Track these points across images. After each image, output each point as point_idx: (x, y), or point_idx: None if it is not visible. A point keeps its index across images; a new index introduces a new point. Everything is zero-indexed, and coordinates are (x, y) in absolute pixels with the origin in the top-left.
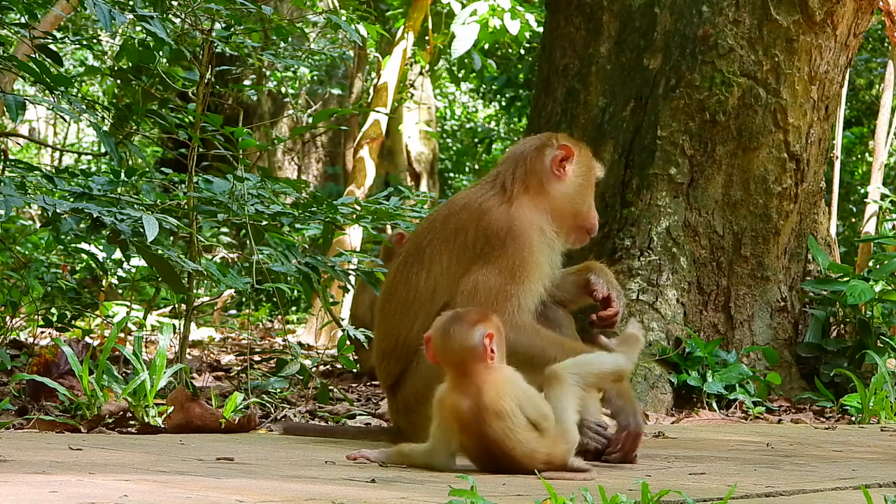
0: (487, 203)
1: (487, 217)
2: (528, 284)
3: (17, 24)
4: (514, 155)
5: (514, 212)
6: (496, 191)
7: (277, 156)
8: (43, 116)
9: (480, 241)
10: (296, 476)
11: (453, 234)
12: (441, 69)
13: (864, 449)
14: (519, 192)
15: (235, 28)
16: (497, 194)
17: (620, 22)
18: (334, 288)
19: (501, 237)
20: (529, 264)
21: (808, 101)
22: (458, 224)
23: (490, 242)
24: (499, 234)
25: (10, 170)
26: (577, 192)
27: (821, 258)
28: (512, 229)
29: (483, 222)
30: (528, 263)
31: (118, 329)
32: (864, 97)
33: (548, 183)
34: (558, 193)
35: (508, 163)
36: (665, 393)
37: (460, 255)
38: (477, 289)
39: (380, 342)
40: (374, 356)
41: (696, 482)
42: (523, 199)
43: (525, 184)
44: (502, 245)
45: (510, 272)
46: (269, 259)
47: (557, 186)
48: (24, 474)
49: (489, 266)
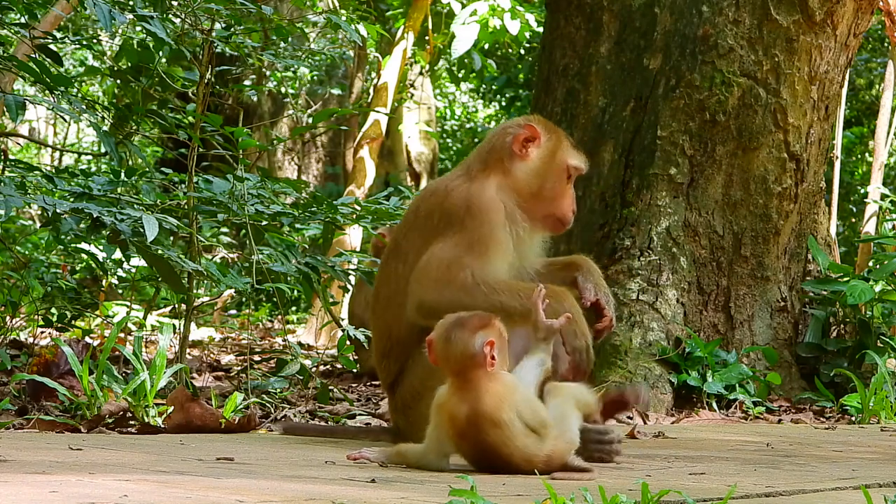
0: (452, 184)
1: (451, 197)
2: (485, 258)
3: (17, 24)
4: (483, 141)
5: (475, 188)
6: (462, 172)
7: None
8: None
9: (443, 221)
10: (296, 476)
11: (423, 220)
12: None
13: (864, 449)
14: (481, 171)
15: (235, 28)
16: (462, 175)
17: (620, 22)
18: (334, 288)
19: (461, 214)
20: (488, 240)
21: (808, 101)
22: (426, 209)
23: (450, 220)
24: (458, 210)
25: (10, 170)
26: (538, 173)
27: (821, 258)
28: (471, 206)
29: (446, 203)
30: (487, 239)
31: (118, 329)
32: (864, 97)
33: (509, 162)
34: (520, 173)
35: (477, 148)
36: (665, 393)
37: (427, 238)
38: (430, 261)
39: (377, 342)
40: (373, 357)
41: (696, 482)
42: (487, 178)
43: (486, 163)
44: (461, 221)
45: (467, 245)
46: (269, 259)
47: (519, 166)
48: (24, 474)
49: (446, 240)
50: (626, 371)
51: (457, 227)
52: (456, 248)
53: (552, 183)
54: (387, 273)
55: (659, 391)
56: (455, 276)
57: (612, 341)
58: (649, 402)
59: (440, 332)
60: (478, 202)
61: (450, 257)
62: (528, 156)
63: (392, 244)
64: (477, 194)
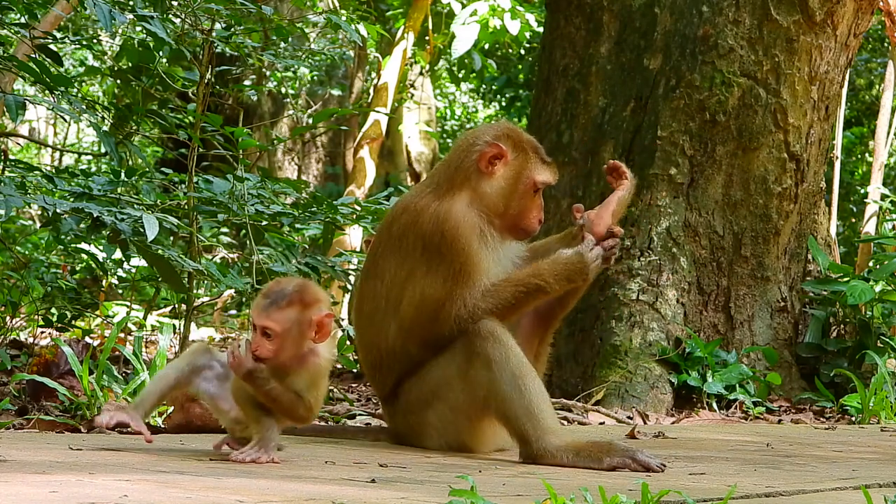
0: (422, 203)
1: (422, 219)
2: (471, 281)
3: (17, 24)
4: (451, 151)
5: (444, 209)
6: (431, 189)
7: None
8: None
9: (419, 246)
10: (296, 476)
11: (397, 240)
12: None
13: (864, 449)
14: (448, 189)
15: (235, 28)
16: (432, 192)
17: (620, 22)
18: (334, 288)
19: (436, 241)
20: (469, 265)
21: (809, 101)
22: (400, 229)
23: (426, 246)
24: (433, 237)
25: (10, 170)
26: (505, 192)
27: (821, 258)
28: (444, 231)
29: (418, 225)
30: (468, 264)
31: (118, 329)
32: (864, 97)
33: (476, 179)
34: (487, 190)
35: (445, 159)
36: (665, 393)
37: (403, 261)
38: (424, 300)
39: (365, 356)
40: (363, 369)
41: (696, 482)
42: (454, 196)
43: (453, 180)
44: (437, 249)
45: (452, 278)
46: (269, 259)
47: (486, 183)
48: (24, 474)
49: (431, 275)
50: (627, 371)
51: (436, 259)
52: (444, 284)
53: (518, 200)
54: (367, 291)
55: (659, 391)
56: (450, 311)
57: (612, 341)
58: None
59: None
60: (451, 226)
61: (440, 296)
62: (494, 173)
63: (370, 260)
64: (446, 216)
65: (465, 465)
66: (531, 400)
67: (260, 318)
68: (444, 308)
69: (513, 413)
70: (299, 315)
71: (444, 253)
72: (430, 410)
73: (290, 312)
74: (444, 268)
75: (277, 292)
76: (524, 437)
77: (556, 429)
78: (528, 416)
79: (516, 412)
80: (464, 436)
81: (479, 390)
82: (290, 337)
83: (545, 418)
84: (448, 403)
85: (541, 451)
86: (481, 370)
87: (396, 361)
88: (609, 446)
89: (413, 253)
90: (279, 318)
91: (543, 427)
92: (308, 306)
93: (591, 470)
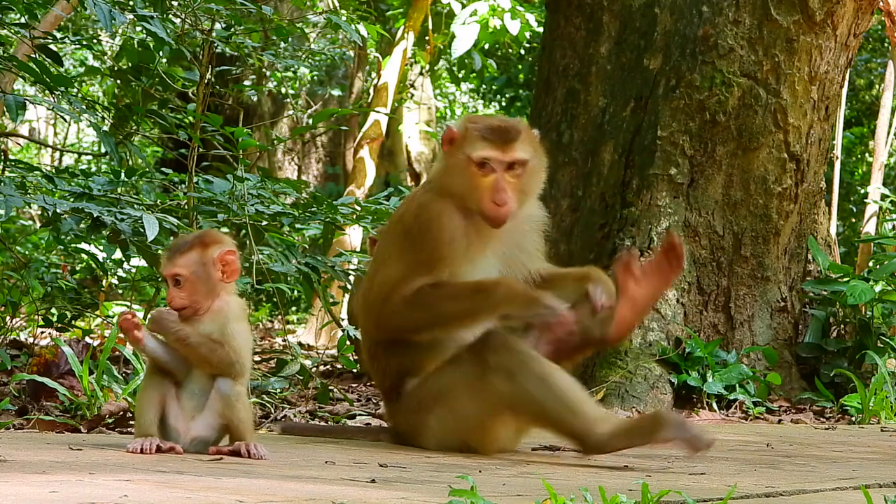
0: (415, 194)
1: (408, 207)
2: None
3: (17, 24)
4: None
5: (426, 202)
6: (427, 182)
7: (277, 156)
8: (43, 116)
9: (401, 232)
10: (296, 476)
11: (390, 227)
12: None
13: (864, 449)
14: (429, 180)
15: (235, 28)
16: (425, 184)
17: (620, 22)
18: (334, 288)
19: (414, 231)
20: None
21: (809, 101)
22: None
23: (406, 235)
24: (412, 227)
25: (10, 170)
26: (448, 171)
27: (821, 258)
28: (421, 222)
29: (404, 214)
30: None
31: (118, 329)
32: (864, 97)
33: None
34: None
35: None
36: (665, 393)
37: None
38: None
39: (364, 344)
40: (365, 359)
41: (696, 482)
42: (435, 186)
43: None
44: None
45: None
46: (269, 259)
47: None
48: (24, 474)
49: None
50: (626, 371)
51: (408, 246)
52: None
53: (462, 178)
54: (365, 278)
55: (659, 391)
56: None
57: None
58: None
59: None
60: (426, 217)
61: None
62: (446, 154)
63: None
64: (424, 207)
65: (465, 465)
66: (567, 396)
67: (167, 267)
68: (396, 290)
69: (554, 415)
70: (201, 256)
71: (416, 241)
72: (431, 415)
73: (193, 255)
74: (412, 254)
75: (180, 241)
76: (575, 435)
77: (601, 415)
78: (570, 412)
79: (557, 413)
80: (469, 440)
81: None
82: (199, 279)
83: (587, 409)
84: (454, 411)
85: (599, 441)
86: (501, 383)
87: (385, 349)
88: (657, 419)
89: (396, 239)
90: (183, 262)
91: (590, 418)
92: (208, 246)
93: (648, 445)
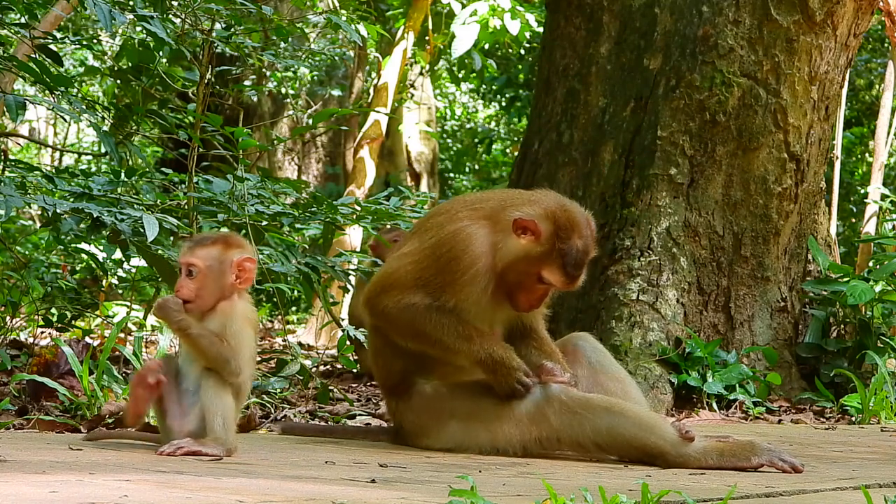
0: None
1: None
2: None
3: (17, 24)
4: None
5: (471, 236)
6: (475, 209)
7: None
8: (43, 116)
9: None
10: (296, 476)
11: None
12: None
13: (864, 449)
14: (485, 223)
15: (235, 28)
16: (473, 212)
17: (620, 22)
18: (334, 288)
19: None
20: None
21: (809, 101)
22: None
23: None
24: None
25: (10, 170)
26: (513, 258)
27: (821, 258)
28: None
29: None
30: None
31: (118, 329)
32: (864, 97)
33: (504, 231)
34: (504, 246)
35: (503, 194)
36: (665, 393)
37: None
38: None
39: (373, 342)
40: (369, 355)
41: (696, 482)
42: (487, 231)
43: (495, 219)
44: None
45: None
46: (269, 259)
47: (507, 239)
48: (24, 474)
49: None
50: (627, 371)
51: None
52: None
53: (519, 271)
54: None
55: (659, 391)
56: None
57: (612, 341)
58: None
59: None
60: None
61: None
62: (519, 239)
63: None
64: (469, 239)
65: (465, 465)
66: (639, 417)
67: (185, 255)
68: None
69: (630, 439)
70: (221, 254)
71: (440, 259)
72: (454, 420)
73: (213, 250)
74: (431, 269)
75: (205, 234)
76: (656, 453)
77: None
78: (646, 430)
79: (633, 436)
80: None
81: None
82: (212, 275)
83: (663, 427)
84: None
85: (682, 457)
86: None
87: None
88: (752, 446)
89: (425, 245)
90: (202, 255)
91: (670, 434)
92: (231, 247)
93: (738, 470)
